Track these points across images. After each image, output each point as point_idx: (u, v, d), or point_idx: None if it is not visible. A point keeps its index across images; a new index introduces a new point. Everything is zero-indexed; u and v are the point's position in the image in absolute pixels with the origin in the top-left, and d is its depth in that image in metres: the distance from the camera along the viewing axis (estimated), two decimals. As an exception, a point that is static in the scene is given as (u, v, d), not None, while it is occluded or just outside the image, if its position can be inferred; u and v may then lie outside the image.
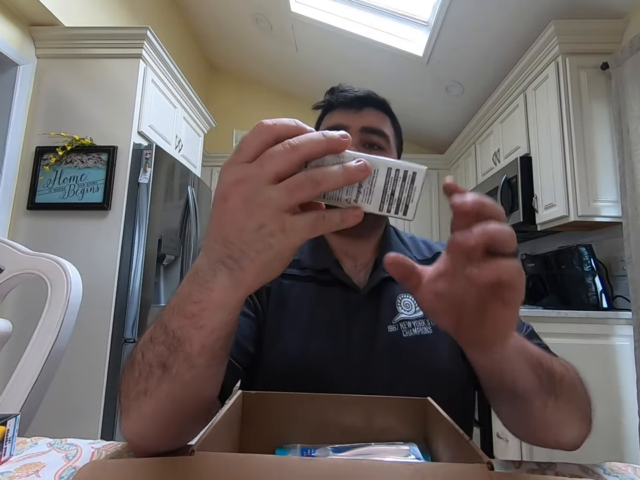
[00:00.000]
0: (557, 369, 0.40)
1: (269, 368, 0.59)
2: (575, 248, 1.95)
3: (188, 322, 0.32)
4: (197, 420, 0.42)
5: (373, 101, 0.66)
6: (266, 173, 0.27)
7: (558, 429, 0.42)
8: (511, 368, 0.36)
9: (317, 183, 0.27)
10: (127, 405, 0.37)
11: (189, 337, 0.32)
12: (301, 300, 0.63)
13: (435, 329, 0.60)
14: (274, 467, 0.28)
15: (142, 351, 0.36)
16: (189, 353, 0.33)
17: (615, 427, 1.56)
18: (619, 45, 1.88)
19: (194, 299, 0.31)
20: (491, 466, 0.27)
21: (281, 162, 0.27)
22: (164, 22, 2.87)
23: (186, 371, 0.34)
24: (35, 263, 0.75)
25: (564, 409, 0.40)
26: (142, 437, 0.39)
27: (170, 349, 0.33)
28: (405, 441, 0.43)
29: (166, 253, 2.03)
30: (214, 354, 0.34)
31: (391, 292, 0.63)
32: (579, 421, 0.42)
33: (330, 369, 0.58)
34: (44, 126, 1.92)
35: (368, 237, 0.68)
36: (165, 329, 0.33)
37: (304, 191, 0.27)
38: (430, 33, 2.45)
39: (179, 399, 0.36)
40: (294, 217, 0.27)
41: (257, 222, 0.27)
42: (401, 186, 0.29)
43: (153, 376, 0.34)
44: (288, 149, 0.27)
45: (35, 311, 0.70)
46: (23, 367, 0.66)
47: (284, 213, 0.27)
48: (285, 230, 0.27)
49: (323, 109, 0.70)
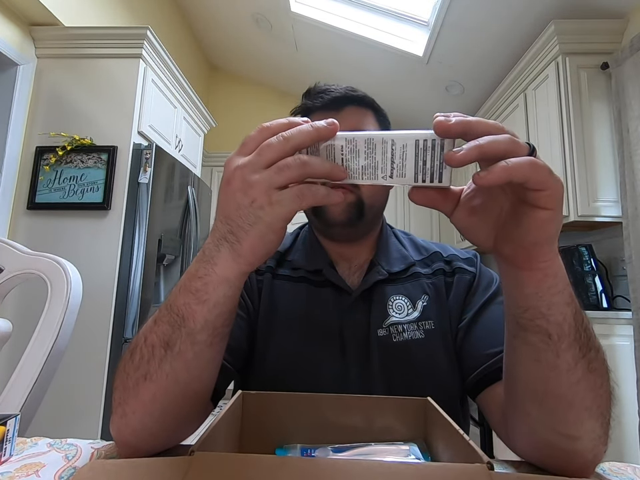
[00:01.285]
0: (596, 340, 0.37)
1: (261, 371, 0.59)
2: (575, 248, 1.95)
3: (192, 297, 0.35)
4: (191, 417, 0.42)
5: (351, 99, 0.62)
6: (263, 160, 0.32)
7: (581, 417, 0.36)
8: (550, 301, 0.34)
9: (303, 163, 0.31)
10: (124, 398, 0.37)
11: (192, 313, 0.35)
12: (293, 301, 0.62)
13: (427, 332, 0.59)
14: (274, 467, 0.28)
15: (144, 335, 0.37)
16: (192, 329, 0.35)
17: (615, 427, 1.54)
18: (619, 45, 1.88)
19: (199, 275, 0.35)
20: (490, 466, 0.27)
21: (275, 150, 0.32)
22: (164, 22, 2.87)
23: (189, 347, 0.36)
24: (35, 263, 0.75)
25: (594, 389, 0.36)
26: (135, 432, 0.38)
27: (174, 327, 0.36)
28: (405, 441, 0.43)
29: (166, 252, 2.03)
30: (215, 330, 0.37)
31: (384, 294, 0.61)
32: (602, 421, 0.37)
33: (322, 374, 0.57)
34: (44, 126, 1.92)
35: (362, 240, 0.66)
36: (170, 308, 0.36)
37: (290, 170, 0.31)
38: (430, 33, 2.45)
39: (180, 379, 0.37)
40: (281, 191, 0.31)
41: (250, 198, 0.32)
42: (431, 155, 0.31)
43: (154, 358, 0.36)
44: (281, 140, 0.32)
45: (35, 311, 0.70)
46: (22, 367, 0.66)
47: (273, 189, 0.31)
48: (272, 203, 0.31)
49: (302, 113, 0.65)
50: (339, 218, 0.59)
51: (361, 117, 0.62)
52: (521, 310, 0.35)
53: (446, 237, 3.44)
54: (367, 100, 0.64)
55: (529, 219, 0.31)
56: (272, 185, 0.31)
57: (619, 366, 1.62)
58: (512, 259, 0.34)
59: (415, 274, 0.64)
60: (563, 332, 0.34)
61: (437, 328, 0.59)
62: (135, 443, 0.39)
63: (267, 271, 0.64)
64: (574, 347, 0.34)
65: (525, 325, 0.35)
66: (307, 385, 0.50)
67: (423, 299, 0.61)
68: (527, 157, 0.29)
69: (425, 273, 0.64)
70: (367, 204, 0.60)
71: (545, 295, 0.34)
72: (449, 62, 2.64)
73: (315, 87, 0.65)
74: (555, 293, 0.34)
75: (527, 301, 0.34)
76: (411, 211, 3.54)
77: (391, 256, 0.65)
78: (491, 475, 0.27)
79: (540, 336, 0.35)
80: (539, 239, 0.31)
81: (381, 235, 0.68)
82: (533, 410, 0.39)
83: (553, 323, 0.34)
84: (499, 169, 0.28)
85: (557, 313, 0.34)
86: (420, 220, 3.52)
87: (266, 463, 0.28)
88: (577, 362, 0.35)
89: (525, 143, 0.30)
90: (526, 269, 0.33)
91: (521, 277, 0.34)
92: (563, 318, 0.34)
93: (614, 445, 1.55)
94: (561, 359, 0.35)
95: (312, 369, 0.57)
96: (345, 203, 0.58)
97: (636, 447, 1.51)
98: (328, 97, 0.61)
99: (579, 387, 0.35)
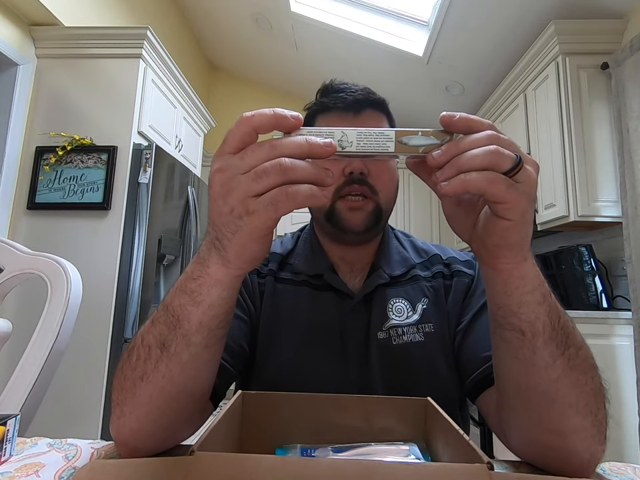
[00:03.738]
0: (578, 337, 0.37)
1: (262, 375, 0.59)
2: (575, 248, 1.95)
3: (187, 298, 0.35)
4: (189, 417, 0.42)
5: (371, 102, 0.61)
6: (244, 164, 0.29)
7: (566, 414, 0.36)
8: (520, 300, 0.35)
9: (283, 170, 0.28)
10: (122, 398, 0.38)
11: (187, 315, 0.35)
12: (295, 305, 0.61)
13: (426, 335, 0.59)
14: (274, 467, 0.28)
15: (142, 335, 0.37)
16: (187, 330, 0.35)
17: (615, 427, 1.56)
18: (618, 45, 1.88)
19: (194, 276, 0.35)
20: (490, 466, 0.27)
21: (259, 157, 0.29)
22: (164, 22, 2.87)
23: (184, 349, 0.36)
24: (35, 263, 0.75)
25: (577, 386, 0.36)
26: (133, 432, 0.38)
27: (169, 328, 0.35)
28: (405, 441, 0.43)
29: (166, 252, 2.03)
30: (210, 331, 0.36)
31: (384, 297, 0.61)
32: (592, 418, 0.36)
33: (323, 376, 0.57)
34: (44, 126, 1.92)
35: (367, 244, 0.65)
36: (166, 309, 0.36)
37: (268, 178, 0.28)
38: (430, 32, 2.45)
39: (176, 380, 0.37)
40: (257, 199, 0.29)
41: (229, 206, 0.30)
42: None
43: (150, 358, 0.36)
44: (268, 147, 0.29)
45: (35, 311, 0.70)
46: (22, 367, 0.66)
47: (250, 198, 0.29)
48: (249, 212, 0.29)
49: (319, 112, 0.63)
50: (358, 228, 0.59)
51: (379, 122, 0.61)
52: (496, 307, 0.38)
53: (446, 237, 3.44)
54: (384, 105, 0.63)
55: (492, 224, 0.33)
56: (249, 193, 0.29)
57: (619, 366, 1.62)
58: (479, 256, 0.36)
59: (415, 277, 0.64)
60: (537, 330, 0.35)
61: (437, 331, 0.60)
62: (133, 442, 0.39)
63: (268, 274, 0.64)
64: (550, 344, 0.36)
65: (500, 322, 0.38)
66: (308, 387, 0.51)
67: (423, 302, 0.61)
68: (486, 172, 0.29)
69: (424, 276, 0.64)
70: (384, 209, 0.60)
71: (513, 294, 0.35)
72: (448, 62, 2.64)
73: (333, 85, 0.63)
74: (523, 293, 0.35)
75: (499, 298, 0.37)
76: (411, 211, 3.54)
77: (392, 259, 0.65)
78: (491, 474, 0.27)
79: (514, 333, 0.36)
80: (499, 243, 0.33)
81: (383, 237, 0.67)
82: (519, 406, 0.40)
83: (525, 321, 0.35)
84: (456, 181, 0.29)
85: (528, 312, 0.35)
86: (420, 220, 3.52)
87: (266, 463, 0.28)
88: (555, 359, 0.36)
89: (511, 154, 0.30)
90: (492, 268, 0.35)
91: (490, 274, 0.36)
92: (535, 316, 0.35)
93: (614, 445, 1.55)
94: (537, 356, 0.36)
95: (313, 372, 0.57)
96: (366, 212, 0.58)
97: (636, 446, 1.51)
98: (350, 98, 0.59)
99: (560, 383, 0.36)
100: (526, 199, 0.31)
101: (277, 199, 0.28)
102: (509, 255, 0.34)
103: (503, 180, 0.30)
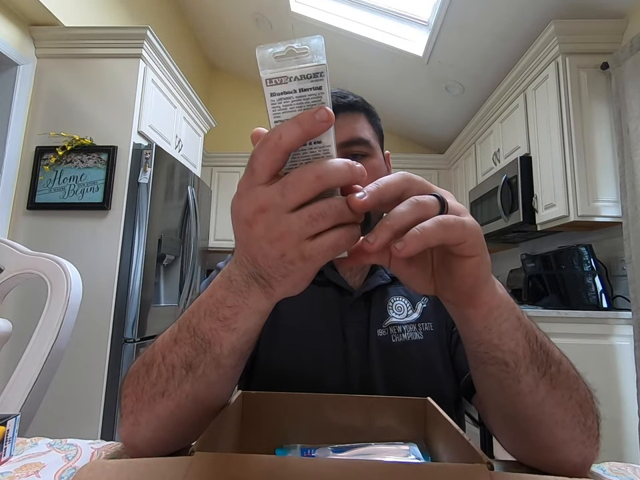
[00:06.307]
0: (556, 352, 0.37)
1: (264, 370, 0.59)
2: (574, 248, 1.95)
3: (220, 324, 0.33)
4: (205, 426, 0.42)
5: (342, 107, 0.59)
6: (288, 202, 0.26)
7: (553, 431, 0.36)
8: (499, 331, 0.34)
9: (339, 212, 0.27)
10: (137, 408, 0.37)
11: (219, 339, 0.34)
12: (297, 299, 0.62)
13: (426, 334, 0.60)
14: (274, 467, 0.28)
15: (162, 353, 0.36)
16: (218, 354, 0.34)
17: (615, 427, 1.56)
18: (619, 45, 1.88)
19: (228, 304, 0.32)
20: (490, 466, 0.27)
21: (304, 193, 0.26)
22: (164, 22, 2.87)
23: (212, 370, 0.35)
24: (35, 263, 0.75)
25: (562, 403, 0.36)
26: (146, 440, 0.38)
27: (198, 350, 0.34)
28: (405, 441, 0.43)
29: (166, 252, 2.03)
30: (243, 354, 0.36)
31: (384, 295, 0.62)
32: (581, 427, 0.37)
33: (324, 371, 0.58)
34: (44, 126, 1.92)
35: None
36: (194, 332, 0.34)
37: (325, 221, 0.26)
38: (430, 32, 2.45)
39: (201, 397, 0.37)
40: (313, 243, 0.27)
41: (279, 251, 0.27)
42: None
43: (174, 378, 0.35)
44: (313, 179, 0.26)
45: (35, 311, 0.70)
46: (23, 367, 0.66)
47: (304, 241, 0.27)
48: (304, 258, 0.27)
49: None
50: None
51: (354, 123, 0.60)
52: (475, 345, 0.36)
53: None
54: (357, 105, 0.61)
55: (459, 268, 0.31)
56: (303, 236, 0.26)
57: (619, 366, 1.62)
58: (456, 302, 0.34)
59: None
60: (518, 357, 0.35)
61: (436, 330, 0.60)
62: (144, 448, 0.39)
63: None
64: (532, 368, 0.35)
65: (482, 357, 0.36)
66: (310, 383, 0.51)
67: (423, 301, 0.62)
68: (437, 218, 0.28)
69: None
70: (372, 213, 0.59)
71: (493, 327, 0.34)
72: (448, 62, 2.64)
73: None
74: (501, 322, 0.34)
75: (479, 335, 0.35)
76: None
77: None
78: (491, 475, 0.27)
79: (498, 366, 0.35)
80: (475, 283, 0.32)
81: None
82: (507, 430, 0.41)
83: (507, 352, 0.34)
84: (413, 239, 0.27)
85: (508, 341, 0.34)
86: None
87: (266, 463, 0.28)
88: (538, 382, 0.35)
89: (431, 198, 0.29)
90: (471, 307, 0.33)
91: (468, 314, 0.34)
92: (516, 343, 0.34)
93: (614, 445, 1.55)
94: (522, 383, 0.35)
95: (315, 366, 0.58)
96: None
97: (636, 446, 1.51)
98: None
99: (545, 404, 0.36)
100: (475, 226, 0.30)
101: (337, 244, 0.27)
102: (486, 288, 0.33)
103: (453, 219, 0.28)
